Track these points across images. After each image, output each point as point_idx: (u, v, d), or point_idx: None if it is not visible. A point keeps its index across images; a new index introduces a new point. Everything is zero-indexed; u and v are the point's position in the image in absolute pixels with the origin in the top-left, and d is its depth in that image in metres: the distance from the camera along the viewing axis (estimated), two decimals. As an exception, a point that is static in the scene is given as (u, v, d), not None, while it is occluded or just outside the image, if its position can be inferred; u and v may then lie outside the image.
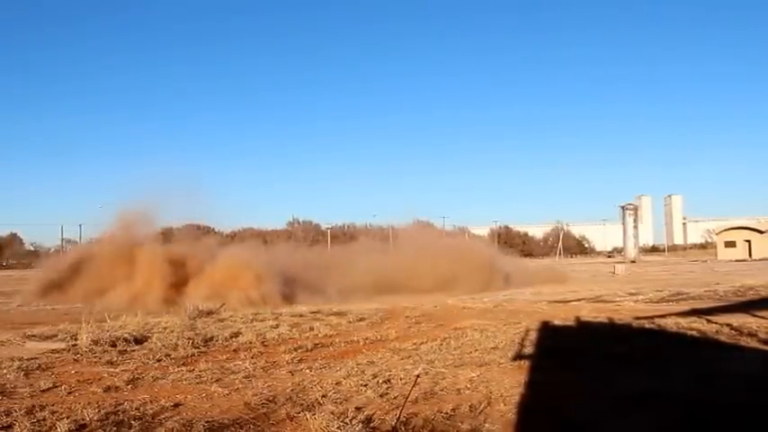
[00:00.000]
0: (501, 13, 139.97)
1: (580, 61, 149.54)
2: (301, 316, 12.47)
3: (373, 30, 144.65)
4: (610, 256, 73.27)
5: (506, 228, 77.78)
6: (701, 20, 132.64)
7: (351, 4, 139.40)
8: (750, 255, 58.01)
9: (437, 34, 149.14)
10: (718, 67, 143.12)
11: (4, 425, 4.56)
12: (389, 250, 25.59)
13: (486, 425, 4.45)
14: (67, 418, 4.66)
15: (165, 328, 9.78)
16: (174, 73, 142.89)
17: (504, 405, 5.00)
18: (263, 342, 8.95)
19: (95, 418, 4.67)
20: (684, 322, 10.04)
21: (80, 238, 27.02)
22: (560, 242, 70.34)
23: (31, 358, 7.52)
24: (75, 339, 8.81)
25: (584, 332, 9.75)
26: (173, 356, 7.67)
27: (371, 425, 4.49)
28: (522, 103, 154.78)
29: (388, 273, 21.67)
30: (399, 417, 4.62)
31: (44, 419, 4.69)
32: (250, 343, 8.82)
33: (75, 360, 7.53)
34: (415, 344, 8.51)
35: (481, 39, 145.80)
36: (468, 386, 5.70)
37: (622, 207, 68.94)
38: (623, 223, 67.96)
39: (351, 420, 4.51)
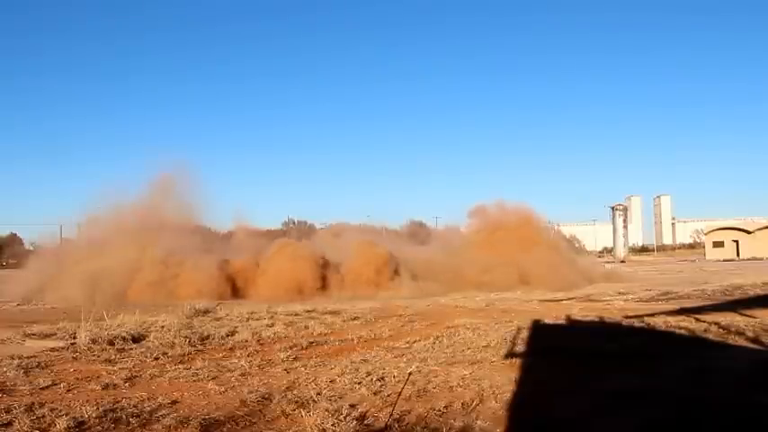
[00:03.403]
0: (495, 16, 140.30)
1: (571, 63, 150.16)
2: (296, 315, 12.53)
3: (368, 33, 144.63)
4: (600, 256, 73.58)
5: (498, 227, 77.94)
6: (690, 22, 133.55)
7: (348, 8, 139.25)
8: (738, 254, 58.52)
9: (429, 36, 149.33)
10: (708, 69, 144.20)
11: (4, 422, 4.61)
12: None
13: (478, 422, 4.53)
14: (66, 415, 4.71)
15: (162, 327, 9.80)
16: (174, 75, 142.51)
17: (496, 402, 5.09)
18: (258, 340, 9.01)
19: (94, 416, 4.73)
20: (673, 321, 10.17)
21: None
22: (552, 241, 70.77)
23: (31, 356, 7.56)
24: (74, 338, 8.85)
25: (575, 331, 9.86)
26: (170, 355, 7.72)
27: (365, 422, 4.57)
28: (512, 104, 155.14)
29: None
30: (392, 414, 4.72)
31: (43, 416, 4.74)
32: (246, 341, 8.88)
33: (73, 358, 7.57)
34: (408, 342, 8.60)
35: (473, 41, 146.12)
36: (461, 384, 5.78)
37: (612, 207, 69.24)
38: (613, 223, 68.32)
39: (345, 417, 4.58)
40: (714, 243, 62.59)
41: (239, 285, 20.90)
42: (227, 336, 9.30)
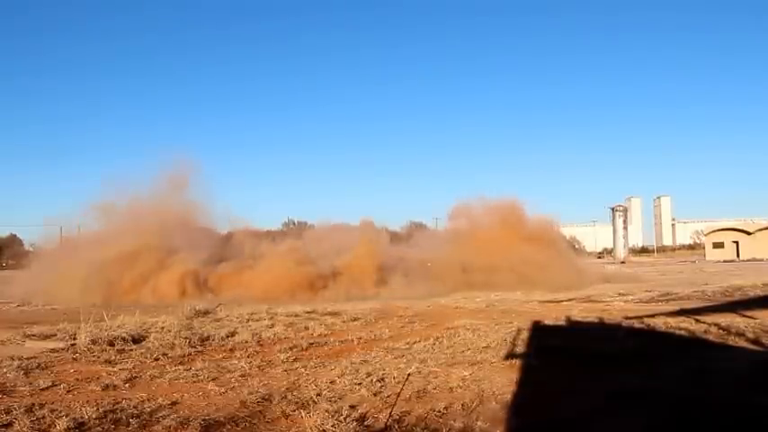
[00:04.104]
0: (495, 17, 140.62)
1: (571, 64, 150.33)
2: (296, 316, 12.51)
3: (369, 34, 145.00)
4: (600, 257, 73.63)
5: (498, 228, 77.92)
6: (690, 22, 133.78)
7: (348, 9, 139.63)
8: (738, 255, 58.58)
9: (430, 37, 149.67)
10: (708, 69, 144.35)
11: (4, 423, 4.61)
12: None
13: (479, 423, 4.52)
14: (66, 416, 4.71)
15: (162, 328, 9.80)
16: (175, 76, 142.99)
17: (496, 403, 5.09)
18: (258, 341, 9.01)
19: (94, 416, 4.73)
20: (673, 322, 10.15)
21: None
22: (551, 243, 70.79)
23: (31, 357, 7.55)
24: (74, 339, 8.84)
25: (575, 331, 9.84)
26: (170, 355, 7.72)
27: (365, 423, 4.57)
28: (512, 105, 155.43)
29: None
30: (392, 415, 4.72)
31: (43, 417, 4.74)
32: (246, 342, 8.88)
33: (73, 359, 7.56)
34: (408, 343, 8.59)
35: (473, 42, 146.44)
36: (461, 385, 5.78)
37: (612, 208, 69.39)
38: (613, 224, 68.46)
39: (345, 418, 4.58)
40: (714, 244, 62.68)
41: (235, 285, 20.89)
42: (228, 337, 9.29)
